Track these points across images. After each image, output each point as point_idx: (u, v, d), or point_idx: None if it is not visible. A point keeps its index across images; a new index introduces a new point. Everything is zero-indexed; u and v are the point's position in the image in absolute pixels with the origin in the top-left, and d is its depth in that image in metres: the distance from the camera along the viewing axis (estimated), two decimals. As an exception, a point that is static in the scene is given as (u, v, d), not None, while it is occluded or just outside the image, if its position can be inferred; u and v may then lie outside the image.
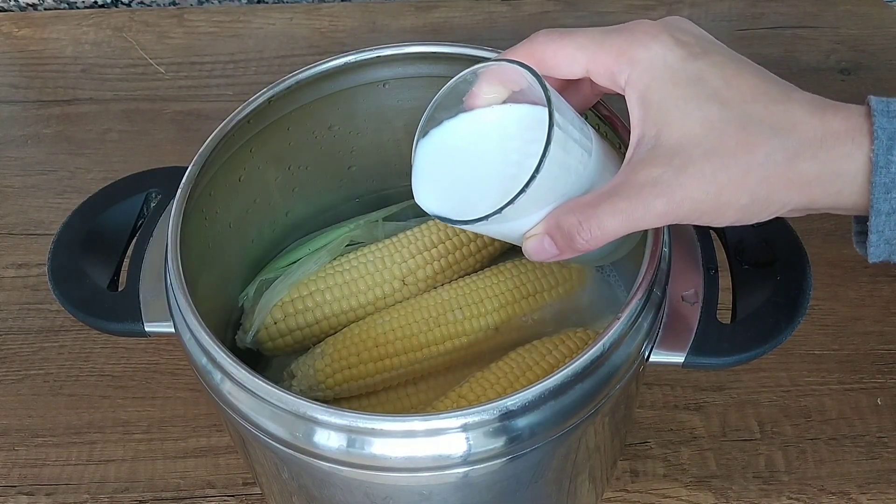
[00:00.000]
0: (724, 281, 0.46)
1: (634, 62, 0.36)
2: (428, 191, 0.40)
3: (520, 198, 0.35)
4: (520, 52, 0.38)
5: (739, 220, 0.35)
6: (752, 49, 0.87)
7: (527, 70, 0.36)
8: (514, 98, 0.40)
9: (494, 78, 0.39)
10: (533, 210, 0.37)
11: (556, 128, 0.34)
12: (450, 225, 0.39)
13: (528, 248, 0.39)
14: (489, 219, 0.35)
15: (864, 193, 0.34)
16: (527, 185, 0.34)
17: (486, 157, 0.40)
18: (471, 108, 0.40)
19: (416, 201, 0.40)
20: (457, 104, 0.40)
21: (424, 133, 0.40)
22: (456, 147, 0.40)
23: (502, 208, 0.35)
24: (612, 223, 0.36)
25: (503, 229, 0.39)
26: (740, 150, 0.34)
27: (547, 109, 0.34)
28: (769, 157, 0.34)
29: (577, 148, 0.37)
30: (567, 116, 0.36)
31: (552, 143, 0.34)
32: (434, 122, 0.40)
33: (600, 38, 0.37)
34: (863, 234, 0.35)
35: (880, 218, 0.34)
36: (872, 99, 0.34)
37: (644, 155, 0.35)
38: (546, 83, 0.35)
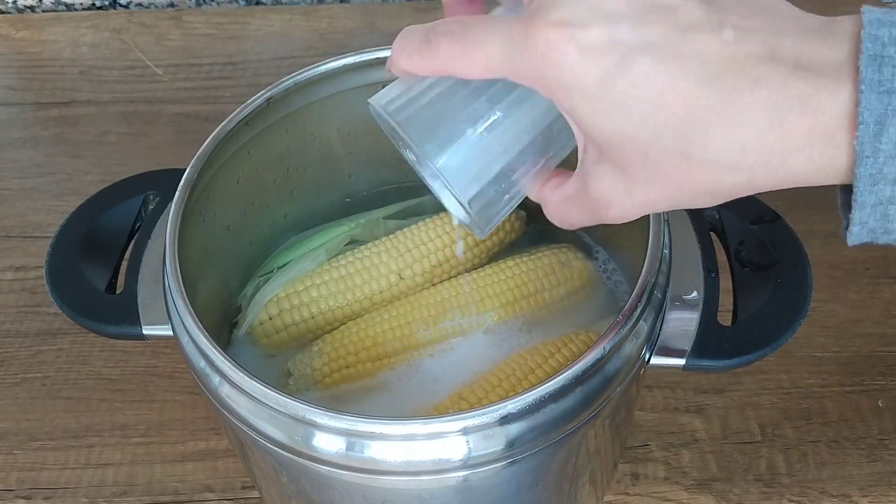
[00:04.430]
0: (725, 283, 0.46)
1: (550, 90, 0.32)
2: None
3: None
4: (431, 68, 0.35)
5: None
6: (752, 50, 0.87)
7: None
8: None
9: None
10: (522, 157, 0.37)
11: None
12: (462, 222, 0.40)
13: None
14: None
15: (846, 178, 0.30)
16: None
17: None
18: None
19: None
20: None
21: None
22: None
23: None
24: (580, 222, 0.36)
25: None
26: (684, 179, 0.31)
27: None
28: (718, 183, 0.31)
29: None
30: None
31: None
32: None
33: (511, 55, 0.32)
34: (848, 206, 0.31)
35: (864, 211, 0.30)
36: (863, 61, 0.28)
37: (591, 168, 0.34)
38: None
